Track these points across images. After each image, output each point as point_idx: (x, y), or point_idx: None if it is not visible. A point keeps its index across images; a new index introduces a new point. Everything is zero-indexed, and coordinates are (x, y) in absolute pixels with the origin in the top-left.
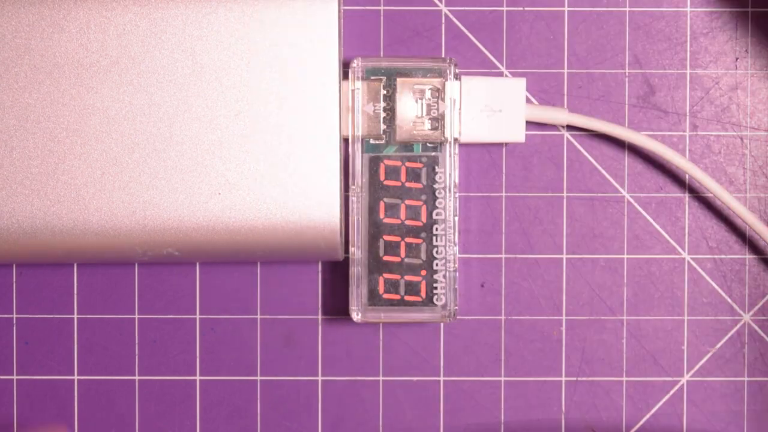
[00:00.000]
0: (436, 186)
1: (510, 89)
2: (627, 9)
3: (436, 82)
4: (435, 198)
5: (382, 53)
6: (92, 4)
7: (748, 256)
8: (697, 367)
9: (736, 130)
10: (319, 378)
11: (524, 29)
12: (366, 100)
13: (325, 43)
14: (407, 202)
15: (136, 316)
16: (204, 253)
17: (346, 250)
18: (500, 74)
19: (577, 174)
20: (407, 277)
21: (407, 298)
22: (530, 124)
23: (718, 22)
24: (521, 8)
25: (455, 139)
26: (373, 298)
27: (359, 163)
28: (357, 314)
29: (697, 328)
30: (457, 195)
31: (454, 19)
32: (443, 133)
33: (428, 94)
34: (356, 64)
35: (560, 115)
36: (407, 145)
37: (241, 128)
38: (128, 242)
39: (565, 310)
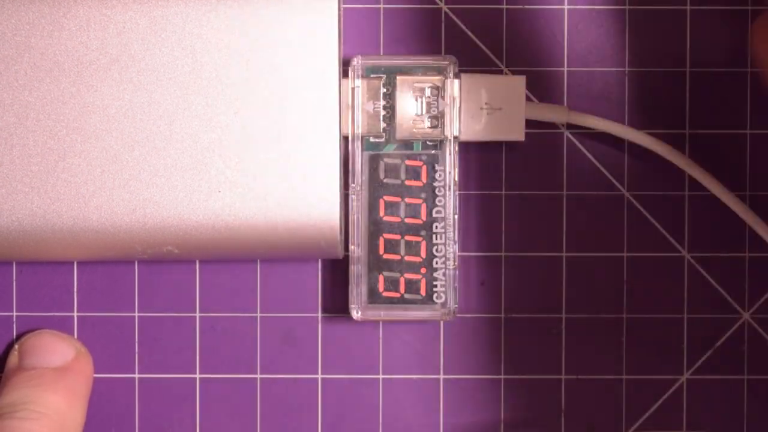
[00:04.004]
0: (435, 184)
1: (510, 87)
2: (627, 7)
3: (436, 80)
4: (435, 196)
5: (382, 51)
6: (92, 3)
7: (748, 255)
8: (697, 365)
9: (736, 128)
10: (319, 376)
11: (524, 27)
12: (366, 98)
13: (325, 41)
14: (407, 200)
15: (136, 314)
16: (204, 251)
17: (346, 248)
18: (500, 72)
19: (577, 172)
20: (407, 275)
21: (407, 296)
22: (530, 123)
23: (719, 19)
24: (521, 6)
25: (455, 137)
26: (373, 296)
27: (359, 161)
28: (357, 312)
29: (696, 326)
30: (456, 193)
31: (454, 17)
32: (443, 131)
33: (428, 92)
34: (356, 62)
35: (560, 114)
36: (407, 144)
37: (241, 126)
38: (128, 240)
39: (564, 308)
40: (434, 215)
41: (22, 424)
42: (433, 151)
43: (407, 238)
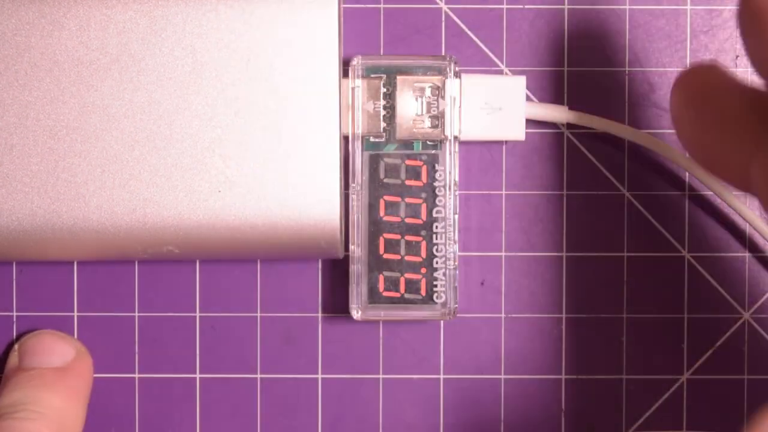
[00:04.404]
0: (436, 184)
1: (510, 87)
2: (627, 7)
3: (436, 80)
4: (435, 196)
5: (382, 51)
6: (92, 3)
7: (748, 254)
8: (697, 365)
9: None
10: (319, 376)
11: (524, 27)
12: (366, 98)
13: (325, 41)
14: (407, 200)
15: (136, 314)
16: (204, 250)
17: (346, 248)
18: (500, 72)
19: (577, 172)
20: (407, 275)
21: (407, 295)
22: (530, 122)
23: (718, 19)
24: (521, 6)
25: (455, 137)
26: (373, 296)
27: (359, 161)
28: (357, 312)
29: (697, 326)
30: (457, 193)
31: (454, 17)
32: (443, 131)
33: (428, 92)
34: (356, 62)
35: (560, 113)
36: (407, 143)
37: (241, 126)
38: (128, 240)
39: (564, 308)
40: (434, 215)
41: (22, 424)
42: (433, 151)
43: (407, 238)
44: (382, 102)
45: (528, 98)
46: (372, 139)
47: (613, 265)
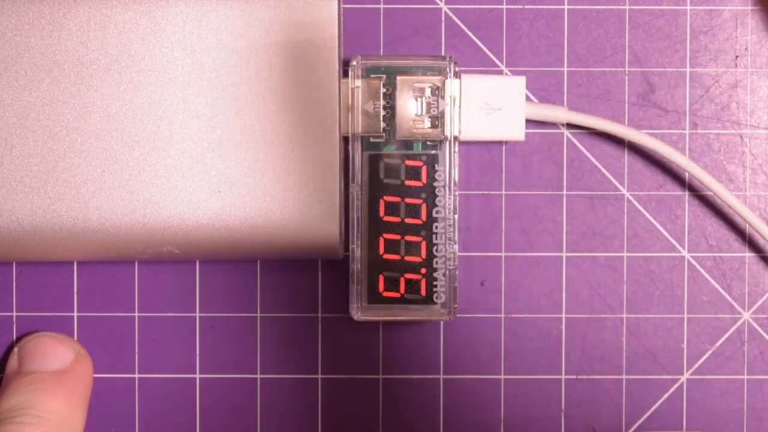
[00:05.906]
0: (435, 184)
1: (510, 87)
2: (627, 7)
3: (436, 80)
4: (435, 196)
5: (382, 51)
6: (92, 3)
7: (748, 254)
8: (696, 365)
9: (736, 128)
10: (319, 376)
11: (524, 27)
12: (366, 98)
13: (325, 41)
14: (407, 200)
15: (136, 315)
16: (204, 251)
17: (346, 249)
18: (500, 72)
19: (577, 172)
20: (407, 275)
21: (407, 296)
22: (530, 122)
23: (718, 20)
24: (521, 6)
25: (455, 137)
26: (373, 297)
27: (359, 161)
28: (357, 312)
29: (696, 327)
30: (456, 193)
31: (454, 17)
32: (443, 131)
33: (428, 92)
34: (356, 62)
35: (560, 114)
36: (407, 143)
37: (241, 126)
38: (128, 240)
39: (564, 308)
40: (434, 215)
41: (21, 428)
42: (433, 151)
43: (407, 238)
44: (382, 102)
45: (528, 98)
46: (372, 140)
47: (613, 265)
